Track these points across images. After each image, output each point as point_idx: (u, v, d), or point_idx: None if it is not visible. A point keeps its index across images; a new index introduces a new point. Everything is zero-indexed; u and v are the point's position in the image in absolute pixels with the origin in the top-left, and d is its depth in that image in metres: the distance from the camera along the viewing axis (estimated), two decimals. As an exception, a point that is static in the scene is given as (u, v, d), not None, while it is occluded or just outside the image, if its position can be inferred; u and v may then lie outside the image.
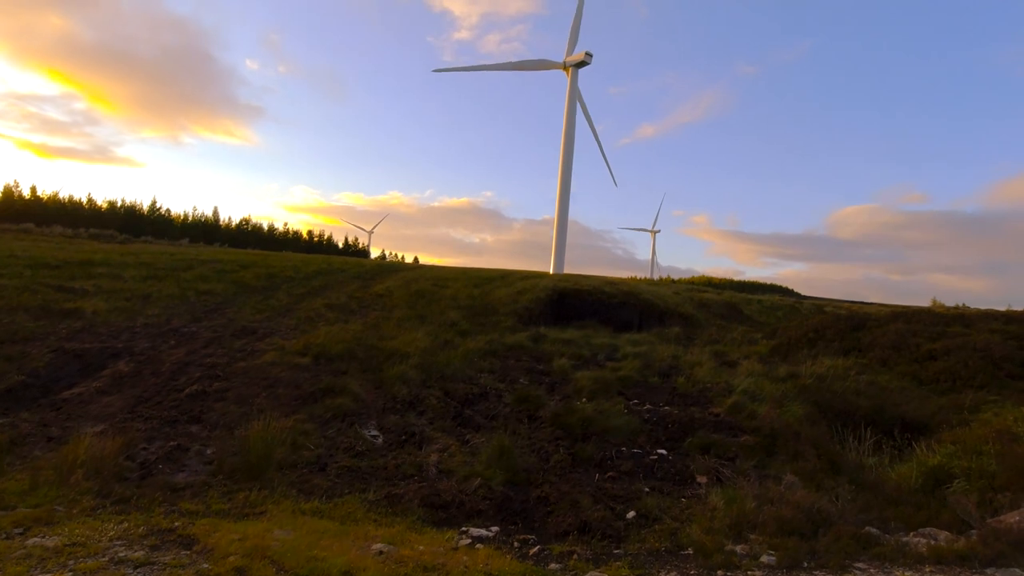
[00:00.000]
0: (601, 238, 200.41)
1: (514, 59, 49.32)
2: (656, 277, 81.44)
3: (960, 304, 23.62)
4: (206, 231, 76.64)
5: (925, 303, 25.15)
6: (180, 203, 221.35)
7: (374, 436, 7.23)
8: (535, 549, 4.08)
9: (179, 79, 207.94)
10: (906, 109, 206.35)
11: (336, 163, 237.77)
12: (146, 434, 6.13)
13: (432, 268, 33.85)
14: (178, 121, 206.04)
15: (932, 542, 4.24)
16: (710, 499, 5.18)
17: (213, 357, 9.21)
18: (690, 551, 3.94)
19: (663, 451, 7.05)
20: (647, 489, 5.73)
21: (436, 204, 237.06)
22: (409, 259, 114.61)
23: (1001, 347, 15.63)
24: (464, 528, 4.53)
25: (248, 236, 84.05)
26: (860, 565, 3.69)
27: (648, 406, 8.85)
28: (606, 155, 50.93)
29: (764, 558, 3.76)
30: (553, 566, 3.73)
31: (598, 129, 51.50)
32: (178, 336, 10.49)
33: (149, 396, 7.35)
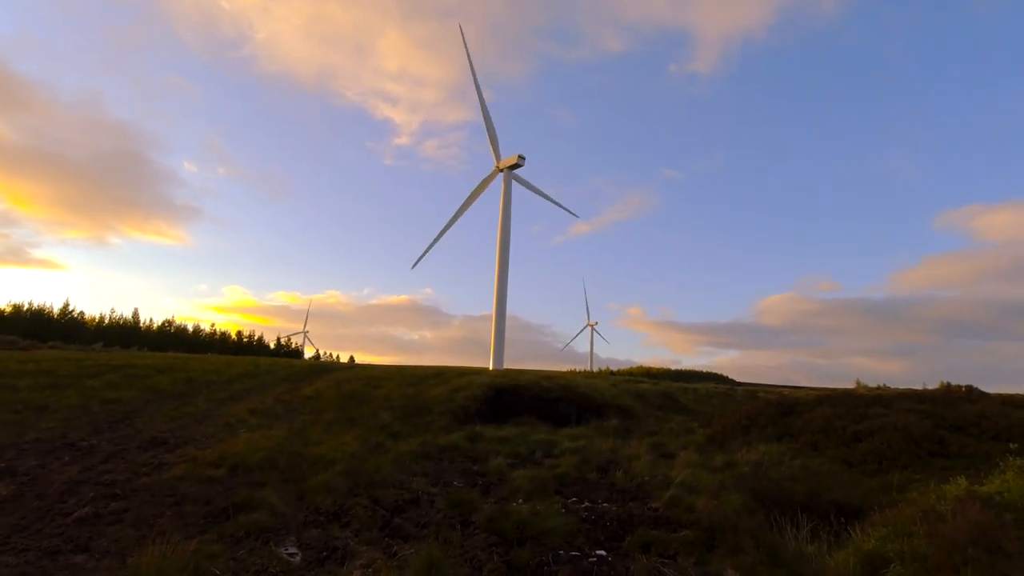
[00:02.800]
0: (541, 332, 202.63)
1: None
2: (595, 369, 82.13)
3: (881, 384, 24.92)
4: (123, 334, 72.27)
5: (849, 384, 26.42)
6: (101, 306, 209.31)
7: (291, 554, 6.58)
8: (462, 677, 3.69)
9: (111, 180, 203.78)
10: (814, 205, 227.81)
11: (272, 263, 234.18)
12: (17, 570, 5.33)
13: (366, 368, 32.89)
14: (105, 222, 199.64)
15: (872, 635, 4.13)
16: (650, 603, 4.92)
17: (113, 473, 8.35)
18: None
19: (602, 552, 6.74)
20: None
21: (375, 302, 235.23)
22: (345, 359, 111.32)
23: (919, 426, 16.45)
24: (385, 657, 4.06)
25: (170, 339, 79.80)
26: (802, 667, 3.52)
27: (586, 504, 8.57)
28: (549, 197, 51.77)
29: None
30: None
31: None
32: (74, 451, 9.50)
33: (29, 523, 6.48)
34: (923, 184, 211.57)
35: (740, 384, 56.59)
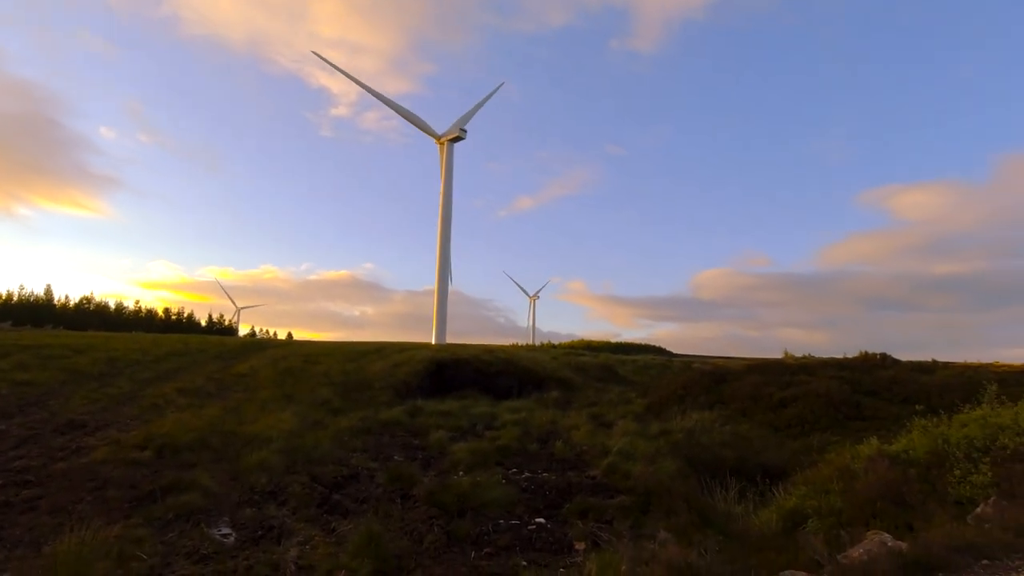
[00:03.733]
0: (484, 307, 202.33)
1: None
2: (537, 343, 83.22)
3: (807, 354, 26.32)
4: (35, 312, 67.55)
5: (778, 355, 27.74)
6: (8, 282, 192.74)
7: (225, 535, 6.39)
8: (401, 647, 3.71)
9: (14, 145, 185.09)
10: (749, 181, 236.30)
11: (203, 237, 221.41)
12: (-84, 564, 4.94)
13: (304, 344, 32.09)
14: (10, 190, 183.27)
15: (790, 584, 4.41)
16: (586, 566, 5.07)
17: (25, 459, 7.83)
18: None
19: (542, 519, 6.91)
20: (524, 563, 5.52)
21: (313, 277, 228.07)
22: (283, 335, 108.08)
23: (839, 391, 17.54)
24: (323, 633, 4.03)
25: (89, 317, 75.10)
26: (727, 618, 3.73)
27: (527, 474, 8.73)
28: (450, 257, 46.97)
29: (638, 623, 3.69)
30: (420, 664, 3.39)
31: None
32: (-20, 437, 8.84)
33: (-71, 515, 6.00)
34: (848, 163, 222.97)
35: (677, 356, 58.66)
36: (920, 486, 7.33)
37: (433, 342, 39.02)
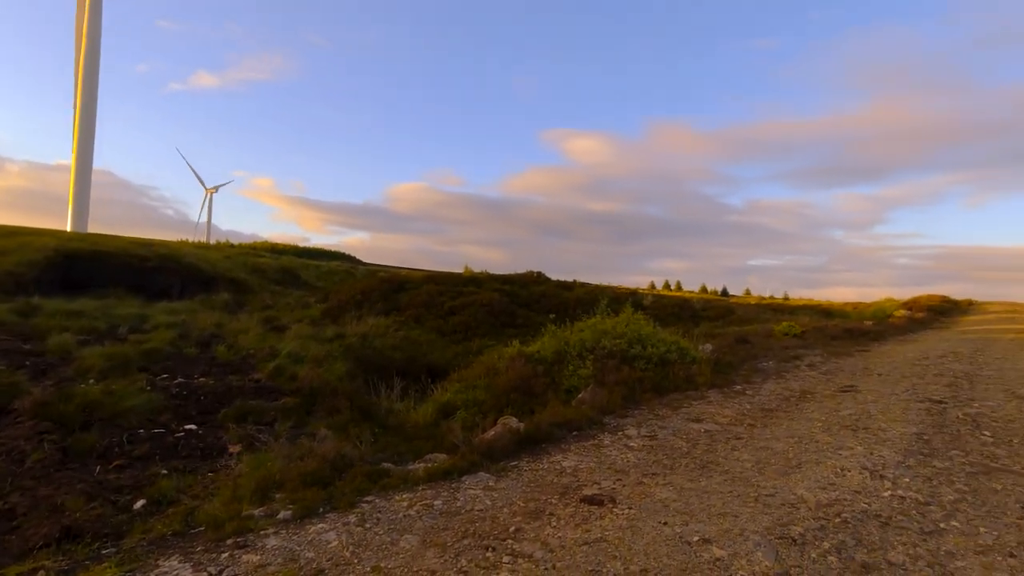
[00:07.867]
0: (146, 194, 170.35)
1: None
2: (212, 241, 74.18)
3: (484, 270, 29.37)
4: None
5: (460, 269, 30.29)
6: None
7: None
8: (-23, 582, 3.07)
9: None
10: (449, 102, 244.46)
11: None
12: None
13: None
14: None
15: (430, 465, 5.02)
16: (239, 468, 4.92)
17: None
18: (202, 527, 3.62)
19: (193, 426, 6.38)
20: (165, 471, 5.06)
21: None
22: None
23: (499, 303, 20.17)
24: None
25: None
26: (369, 499, 4.06)
27: (180, 379, 7.90)
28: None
29: (282, 514, 3.74)
30: (3, 596, 2.87)
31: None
32: None
33: None
34: (538, 102, 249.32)
35: (365, 264, 58.98)
36: (544, 379, 9.01)
37: (69, 229, 31.39)
